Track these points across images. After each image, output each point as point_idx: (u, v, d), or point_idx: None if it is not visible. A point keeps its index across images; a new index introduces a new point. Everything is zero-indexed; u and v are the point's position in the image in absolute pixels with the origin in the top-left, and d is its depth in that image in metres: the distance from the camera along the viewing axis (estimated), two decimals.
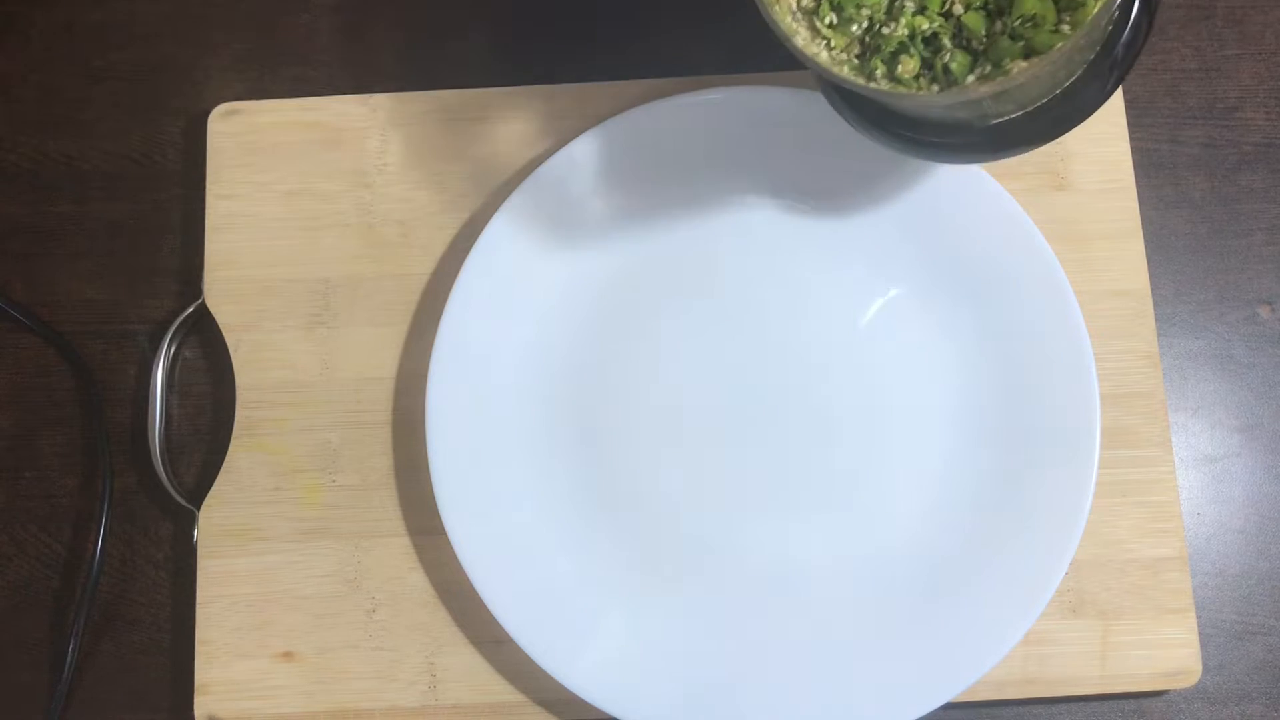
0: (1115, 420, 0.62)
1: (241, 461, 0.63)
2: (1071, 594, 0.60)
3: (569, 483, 0.62)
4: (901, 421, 0.62)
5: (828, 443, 0.62)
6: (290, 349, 0.64)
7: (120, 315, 0.67)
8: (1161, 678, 0.60)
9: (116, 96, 0.70)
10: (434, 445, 0.60)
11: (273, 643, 0.61)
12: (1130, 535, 0.61)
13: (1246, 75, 0.69)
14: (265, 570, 0.62)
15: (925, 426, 0.62)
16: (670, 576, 0.60)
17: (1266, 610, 0.62)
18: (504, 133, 0.66)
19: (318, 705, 0.60)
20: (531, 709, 0.60)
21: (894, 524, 0.61)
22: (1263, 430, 0.64)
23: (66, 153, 0.69)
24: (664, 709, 0.57)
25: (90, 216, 0.68)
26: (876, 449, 0.61)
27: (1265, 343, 0.66)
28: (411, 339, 0.64)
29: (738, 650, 0.59)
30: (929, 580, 0.59)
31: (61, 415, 0.66)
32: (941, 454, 0.61)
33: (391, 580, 0.62)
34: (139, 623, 0.63)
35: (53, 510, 0.65)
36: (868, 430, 0.62)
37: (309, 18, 0.71)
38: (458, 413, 0.61)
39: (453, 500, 0.60)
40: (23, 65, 0.71)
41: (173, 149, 0.69)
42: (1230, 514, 0.64)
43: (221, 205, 0.66)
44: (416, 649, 0.61)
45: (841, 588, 0.60)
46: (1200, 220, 0.67)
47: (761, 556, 0.61)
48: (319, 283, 0.65)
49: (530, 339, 0.63)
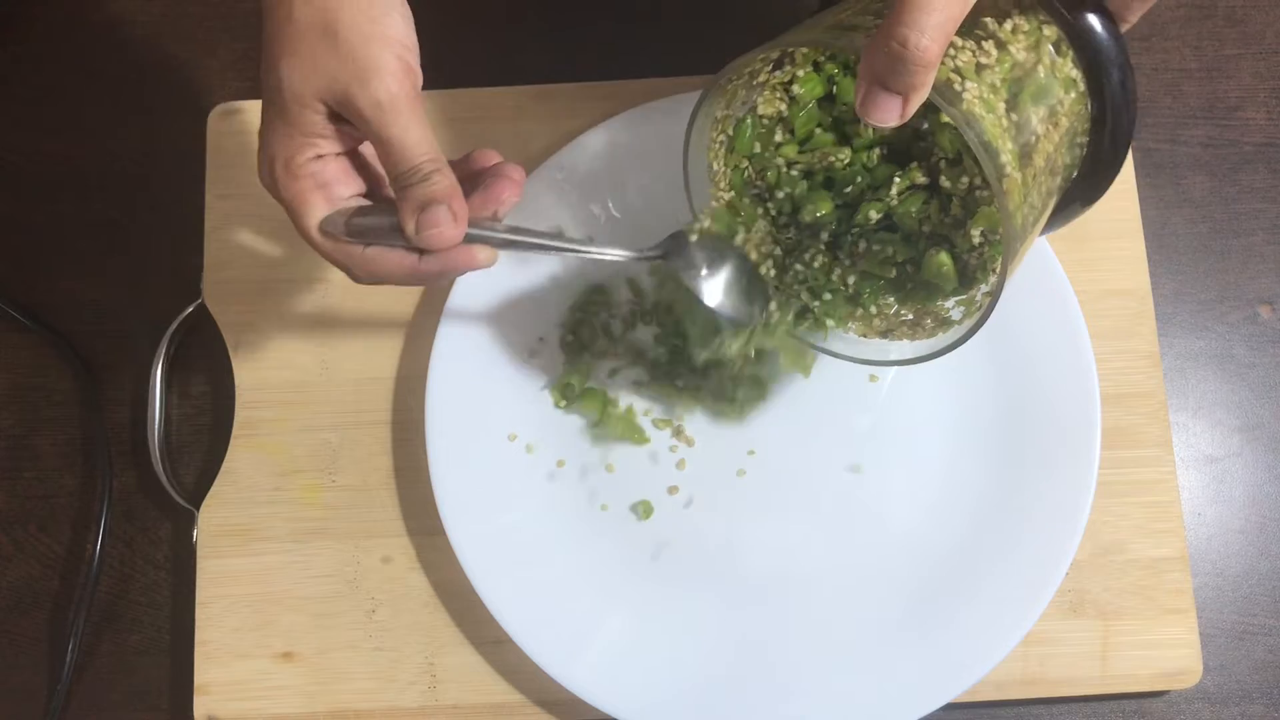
0: (1116, 420, 0.62)
1: (241, 462, 0.63)
2: (1071, 594, 0.60)
3: (569, 483, 0.62)
4: (902, 422, 0.62)
5: (828, 444, 0.62)
6: (290, 349, 0.64)
7: (120, 315, 0.67)
8: (1162, 678, 0.59)
9: (116, 96, 0.70)
10: (433, 445, 0.60)
11: (273, 643, 0.61)
12: (1131, 535, 0.61)
13: (1247, 75, 0.69)
14: (265, 570, 0.62)
15: (925, 426, 0.62)
16: (670, 577, 0.60)
17: (1267, 610, 0.62)
18: (504, 133, 0.66)
19: (317, 705, 0.60)
20: (531, 709, 0.60)
21: (894, 524, 0.60)
22: (1263, 430, 0.64)
23: (66, 153, 0.69)
24: (663, 709, 0.57)
25: (90, 216, 0.68)
26: (876, 450, 0.61)
27: (1266, 343, 0.66)
28: (411, 339, 0.64)
29: (737, 651, 0.59)
30: (929, 580, 0.59)
31: (61, 415, 0.66)
32: (942, 454, 0.61)
33: (391, 580, 0.62)
34: (138, 623, 0.63)
35: (53, 510, 0.65)
36: (868, 431, 0.62)
37: None
38: (457, 413, 0.61)
39: (453, 500, 0.60)
40: (23, 65, 0.71)
41: (172, 149, 0.69)
42: (1231, 514, 0.63)
43: (221, 205, 0.66)
44: (416, 649, 0.61)
45: (842, 588, 0.60)
46: (1201, 220, 0.67)
47: (761, 557, 0.60)
48: (319, 283, 0.65)
49: (530, 339, 0.63)
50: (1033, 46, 0.46)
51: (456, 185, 0.46)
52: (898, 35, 0.39)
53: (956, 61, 0.44)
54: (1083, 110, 0.47)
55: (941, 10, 0.39)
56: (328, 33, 0.44)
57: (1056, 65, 0.46)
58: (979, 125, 0.43)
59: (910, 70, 0.40)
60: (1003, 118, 0.44)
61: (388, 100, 0.44)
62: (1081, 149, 0.48)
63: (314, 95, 0.45)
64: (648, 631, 0.59)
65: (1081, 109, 0.47)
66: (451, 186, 0.46)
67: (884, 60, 0.40)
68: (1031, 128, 0.45)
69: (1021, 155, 0.45)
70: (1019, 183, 0.44)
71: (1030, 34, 0.46)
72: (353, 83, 0.44)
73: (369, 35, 0.44)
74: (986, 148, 0.43)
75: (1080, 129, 0.48)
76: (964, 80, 0.43)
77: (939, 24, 0.39)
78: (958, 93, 0.43)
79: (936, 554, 0.60)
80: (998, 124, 0.44)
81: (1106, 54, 0.46)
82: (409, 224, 0.46)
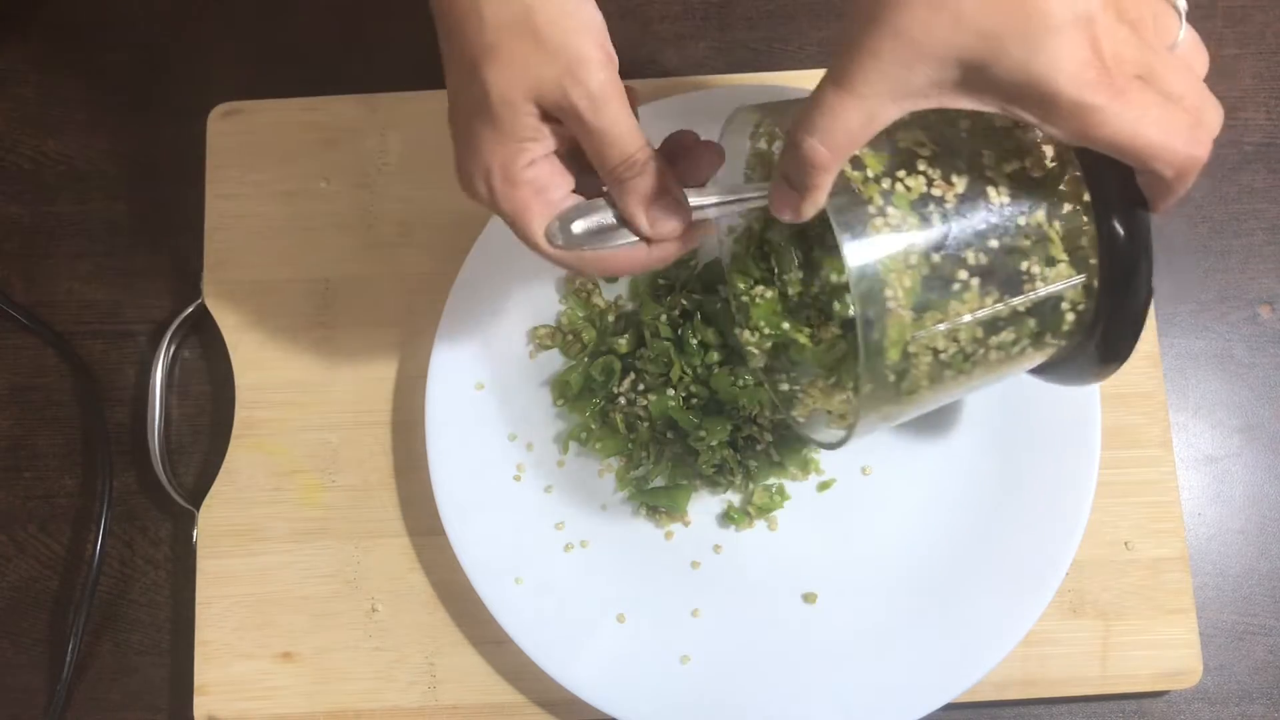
0: (1116, 420, 0.62)
1: (241, 462, 0.63)
2: (1072, 594, 0.60)
3: (568, 483, 0.62)
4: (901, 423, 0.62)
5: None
6: (290, 349, 0.64)
7: (120, 315, 0.67)
8: (1162, 678, 0.59)
9: (116, 96, 0.70)
10: (433, 445, 0.60)
11: (272, 643, 0.61)
12: (1131, 535, 0.61)
13: (1247, 75, 0.69)
14: (265, 570, 0.62)
15: (927, 427, 0.62)
16: (669, 577, 0.60)
17: (1267, 610, 0.62)
18: None
19: (317, 705, 0.60)
20: (531, 709, 0.60)
21: (894, 525, 0.60)
22: (1263, 430, 0.64)
23: (66, 153, 0.69)
24: (663, 709, 0.57)
25: (90, 216, 0.68)
26: (876, 450, 0.61)
27: (1265, 343, 0.66)
28: (411, 339, 0.64)
29: (736, 651, 0.59)
30: (929, 580, 0.59)
31: (61, 415, 0.66)
32: (942, 454, 0.61)
33: (391, 580, 0.62)
34: (138, 623, 0.63)
35: (53, 510, 0.65)
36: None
37: (309, 18, 0.71)
38: (457, 413, 0.61)
39: (453, 500, 0.60)
40: (23, 65, 0.71)
41: (172, 149, 0.69)
42: (1231, 514, 0.63)
43: (221, 205, 0.66)
44: (416, 649, 0.61)
45: (842, 588, 0.60)
46: (1200, 220, 0.67)
47: (760, 557, 0.60)
48: (319, 283, 0.65)
49: (530, 339, 0.63)
50: (1024, 206, 0.43)
51: (670, 171, 0.45)
52: (795, 134, 0.40)
53: (895, 185, 0.43)
54: (1078, 294, 0.45)
55: (836, 117, 0.39)
56: (527, 29, 0.42)
57: (1048, 236, 0.43)
58: (861, 248, 0.42)
59: (802, 169, 0.40)
60: (915, 253, 0.42)
61: (599, 91, 0.42)
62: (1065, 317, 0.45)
63: (525, 96, 0.43)
64: (648, 632, 0.59)
65: (1077, 294, 0.45)
66: (668, 174, 0.45)
67: (786, 154, 0.41)
68: (961, 278, 0.43)
69: (927, 294, 0.42)
70: (903, 320, 0.42)
71: (1036, 191, 0.44)
72: (565, 77, 0.42)
73: (570, 28, 0.42)
74: (862, 273, 0.41)
75: (1075, 300, 0.45)
76: (886, 206, 0.42)
77: (828, 129, 0.39)
78: (869, 213, 0.42)
79: (936, 554, 0.60)
80: (901, 257, 0.42)
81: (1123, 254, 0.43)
82: (640, 219, 0.45)
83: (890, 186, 0.43)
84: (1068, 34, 0.37)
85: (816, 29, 0.70)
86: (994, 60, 0.37)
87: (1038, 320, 0.45)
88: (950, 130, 0.45)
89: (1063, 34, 0.37)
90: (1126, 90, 0.38)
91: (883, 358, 0.43)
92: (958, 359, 0.45)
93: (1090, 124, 0.38)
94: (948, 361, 0.45)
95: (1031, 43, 0.37)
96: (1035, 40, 0.37)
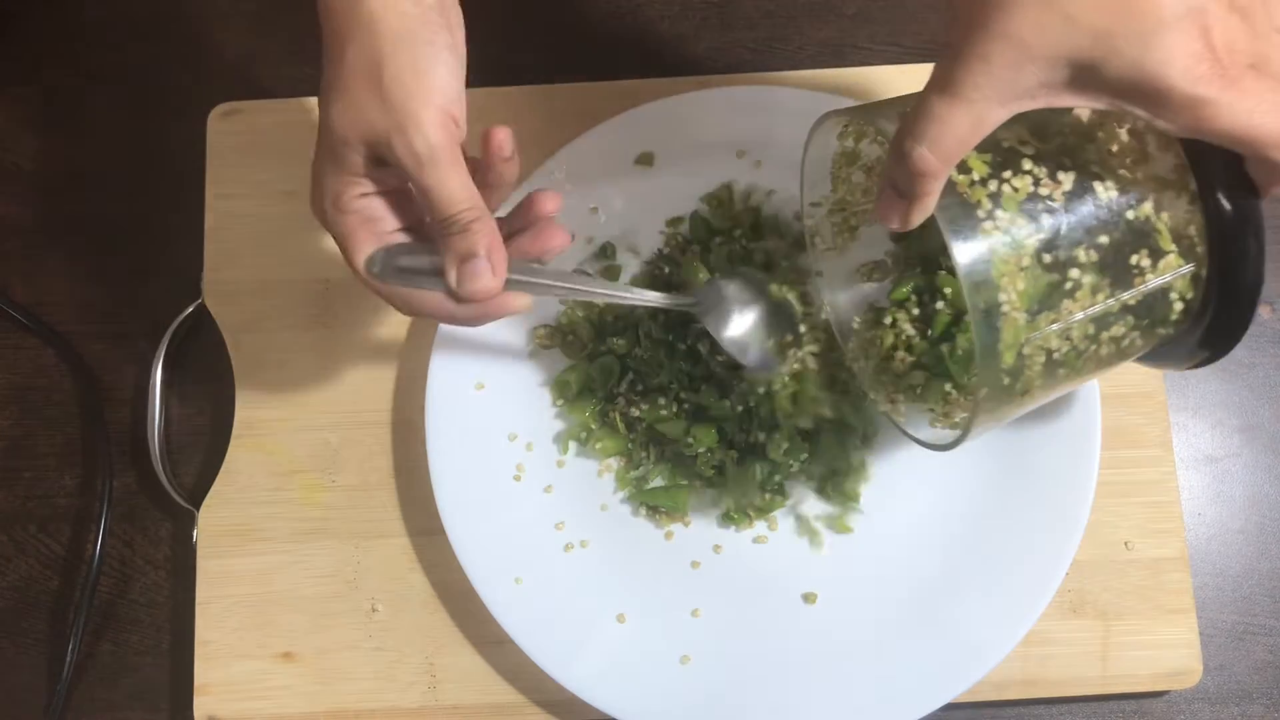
0: (1116, 420, 0.62)
1: (241, 462, 0.63)
2: (1072, 594, 0.60)
3: (568, 483, 0.62)
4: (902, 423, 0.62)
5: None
6: (290, 349, 0.64)
7: (120, 315, 0.67)
8: (1162, 678, 0.59)
9: (116, 96, 0.70)
10: (433, 445, 0.60)
11: (273, 643, 0.61)
12: (1131, 535, 0.61)
13: None
14: (265, 570, 0.62)
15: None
16: (669, 577, 0.60)
17: (1267, 610, 0.62)
18: None
19: (317, 706, 0.60)
20: (531, 709, 0.60)
21: (894, 525, 0.60)
22: (1263, 430, 0.64)
23: (66, 153, 0.69)
24: (663, 709, 0.57)
25: (90, 216, 0.68)
26: (876, 451, 0.61)
27: (1265, 343, 0.66)
28: (411, 339, 0.64)
29: (736, 651, 0.59)
30: (929, 580, 0.59)
31: (61, 415, 0.66)
32: (942, 454, 0.61)
33: (391, 580, 0.62)
34: (138, 623, 0.63)
35: (52, 510, 0.65)
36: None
37: (309, 18, 0.71)
38: (457, 413, 0.61)
39: (453, 500, 0.60)
40: (23, 65, 0.71)
41: (172, 149, 0.69)
42: (1231, 514, 0.63)
43: (221, 205, 0.66)
44: (416, 649, 0.61)
45: (842, 588, 0.60)
46: None
47: (760, 557, 0.60)
48: (319, 283, 0.65)
49: (529, 339, 0.63)
50: (1134, 194, 0.43)
51: (496, 236, 0.47)
52: (902, 142, 0.40)
53: (1002, 187, 0.42)
54: (1185, 284, 0.44)
55: (944, 124, 0.39)
56: (374, 80, 0.44)
57: (1156, 228, 0.43)
58: (974, 253, 0.41)
59: (908, 177, 0.40)
60: (1027, 254, 0.42)
61: (425, 152, 0.44)
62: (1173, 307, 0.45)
63: (357, 139, 0.45)
64: (648, 632, 0.59)
65: (1185, 284, 0.44)
66: (490, 238, 0.46)
67: (893, 163, 0.41)
68: (1075, 275, 0.42)
69: (1041, 298, 0.42)
70: (1018, 323, 0.42)
71: (1143, 183, 0.43)
72: (392, 131, 0.44)
73: (412, 90, 0.44)
74: (976, 279, 0.41)
75: (1181, 289, 0.45)
76: (994, 209, 0.42)
77: (937, 137, 0.39)
78: (978, 217, 0.42)
79: (937, 554, 0.60)
80: (1013, 260, 0.42)
81: (1233, 239, 0.42)
82: (450, 274, 0.47)
83: (997, 189, 0.42)
84: (1180, 28, 0.36)
85: (816, 29, 0.70)
86: (1105, 59, 0.37)
87: (1147, 312, 0.45)
88: (1053, 122, 0.44)
89: (1175, 28, 0.36)
90: (1239, 81, 0.37)
91: (998, 362, 0.43)
92: (1070, 356, 0.45)
93: (1204, 117, 0.38)
94: (1060, 360, 0.44)
95: (1144, 39, 0.36)
96: (1148, 37, 0.36)
